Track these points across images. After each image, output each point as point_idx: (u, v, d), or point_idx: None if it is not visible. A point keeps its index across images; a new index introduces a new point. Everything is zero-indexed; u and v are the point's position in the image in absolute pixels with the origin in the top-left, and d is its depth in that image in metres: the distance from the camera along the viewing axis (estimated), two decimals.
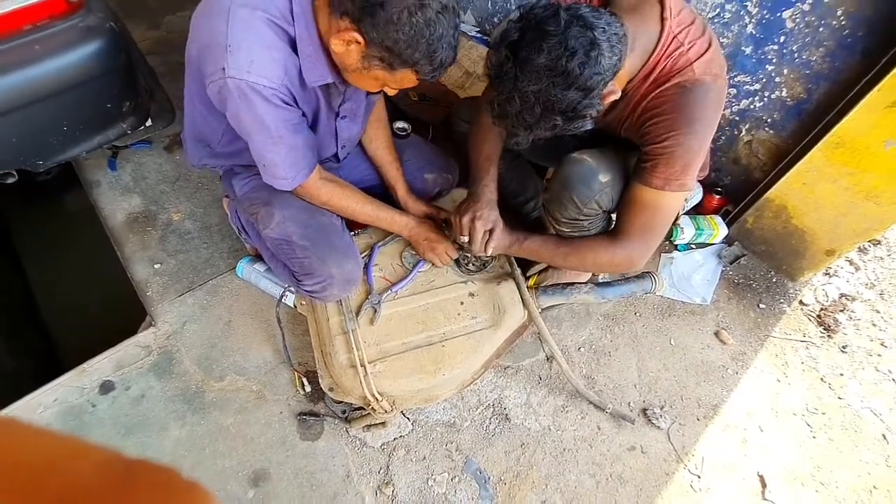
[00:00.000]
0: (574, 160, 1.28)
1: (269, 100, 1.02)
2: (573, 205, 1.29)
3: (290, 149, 1.13)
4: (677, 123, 1.08)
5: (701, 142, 1.09)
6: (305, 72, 1.06)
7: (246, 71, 0.98)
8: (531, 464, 1.42)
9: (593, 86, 0.98)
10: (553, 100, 0.98)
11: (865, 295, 1.85)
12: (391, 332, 1.36)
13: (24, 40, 1.28)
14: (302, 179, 1.20)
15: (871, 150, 1.45)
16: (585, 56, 0.95)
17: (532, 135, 1.08)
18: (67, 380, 1.45)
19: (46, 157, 1.47)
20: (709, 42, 1.08)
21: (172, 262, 1.71)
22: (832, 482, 1.46)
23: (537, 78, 0.97)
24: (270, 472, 1.35)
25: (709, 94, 1.06)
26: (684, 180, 1.12)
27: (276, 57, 1.01)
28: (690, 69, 1.06)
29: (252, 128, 1.07)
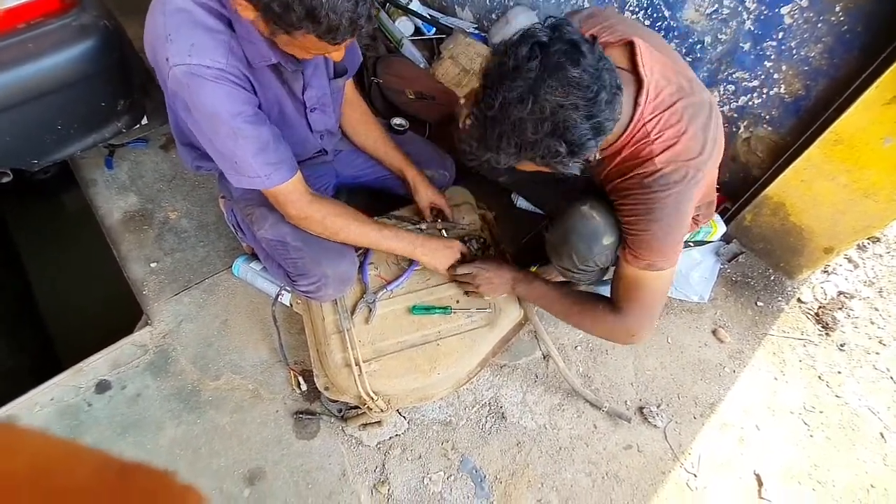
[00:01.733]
0: (582, 215, 1.21)
1: (217, 80, 0.97)
2: (570, 260, 1.27)
3: (256, 141, 1.06)
4: (638, 212, 1.06)
5: (668, 228, 1.05)
6: (248, 53, 1.01)
7: (187, 55, 0.94)
8: (527, 462, 1.42)
9: (602, 130, 0.90)
10: (569, 123, 0.86)
11: (864, 293, 1.84)
12: (386, 330, 1.36)
13: (18, 39, 1.27)
14: (280, 178, 1.13)
15: (870, 147, 1.44)
16: (611, 95, 0.89)
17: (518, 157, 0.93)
18: (64, 379, 1.45)
19: (41, 156, 1.47)
20: (681, 132, 1.01)
21: (169, 260, 1.71)
22: (829, 481, 1.46)
23: (564, 92, 0.84)
24: (266, 471, 1.35)
25: (669, 185, 1.01)
26: (655, 262, 1.09)
27: (217, 38, 0.97)
28: (651, 162, 1.01)
29: (208, 124, 1.02)
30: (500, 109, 0.87)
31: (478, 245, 1.52)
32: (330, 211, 1.22)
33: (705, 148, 1.04)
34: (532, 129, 0.87)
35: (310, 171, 1.46)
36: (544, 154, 0.90)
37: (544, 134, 0.87)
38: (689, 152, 1.02)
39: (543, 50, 0.85)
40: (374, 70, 2.07)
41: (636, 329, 1.18)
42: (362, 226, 1.27)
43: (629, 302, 1.16)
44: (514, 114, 0.86)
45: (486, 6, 2.35)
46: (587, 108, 0.86)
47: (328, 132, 1.39)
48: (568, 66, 0.84)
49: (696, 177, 1.03)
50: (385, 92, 2.02)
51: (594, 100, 0.86)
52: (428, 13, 2.38)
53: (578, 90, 0.85)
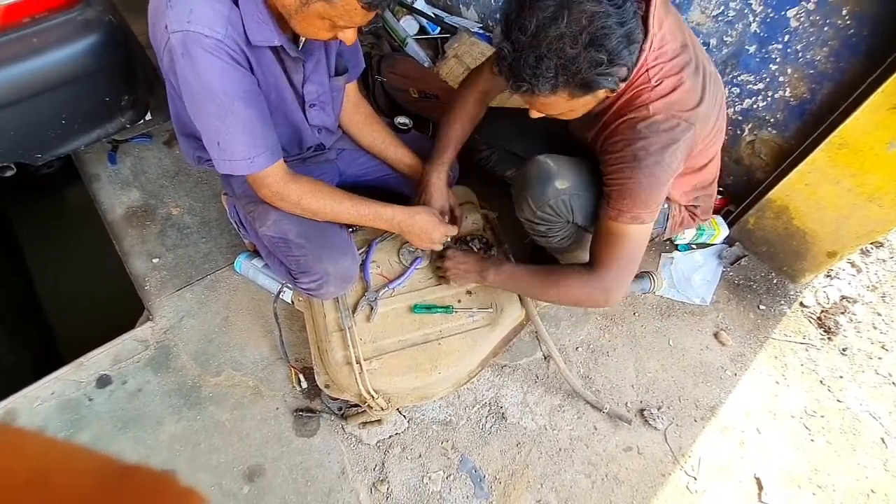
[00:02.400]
0: (536, 161, 1.26)
1: (213, 52, 0.95)
2: (528, 206, 1.29)
3: (246, 123, 1.04)
4: (625, 158, 1.08)
5: (651, 178, 1.07)
6: (249, 31, 0.99)
7: (186, 21, 0.93)
8: (527, 463, 1.41)
9: (633, 39, 0.94)
10: (605, 30, 0.88)
11: (867, 297, 1.84)
12: (387, 329, 1.36)
13: (23, 33, 1.27)
14: (264, 163, 1.09)
15: (875, 152, 1.44)
16: (635, 9, 0.93)
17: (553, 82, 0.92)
18: (65, 373, 1.45)
19: (45, 151, 1.47)
20: (679, 82, 1.04)
21: (171, 256, 1.71)
22: (829, 485, 1.45)
23: (596, 1, 0.87)
24: (265, 468, 1.35)
25: (658, 133, 1.04)
26: (636, 213, 1.11)
27: (217, 8, 0.95)
28: (645, 108, 1.05)
29: (201, 96, 1.00)
30: (536, 32, 0.88)
31: (480, 244, 1.52)
32: (306, 190, 1.18)
33: (702, 102, 1.07)
34: (571, 44, 0.88)
35: (312, 168, 1.46)
36: (586, 67, 0.90)
37: (583, 46, 0.88)
38: (683, 104, 1.05)
39: None
40: (378, 69, 2.07)
41: (613, 286, 1.19)
42: (339, 204, 1.23)
43: (608, 258, 1.18)
44: (551, 32, 0.87)
45: (491, 6, 2.35)
46: (618, 15, 0.89)
47: (326, 129, 1.38)
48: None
49: (687, 131, 1.06)
50: (389, 91, 2.02)
51: (622, 6, 0.89)
52: (433, 12, 2.38)
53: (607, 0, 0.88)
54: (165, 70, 1.06)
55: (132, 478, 0.33)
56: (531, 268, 1.31)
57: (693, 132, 1.07)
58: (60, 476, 0.30)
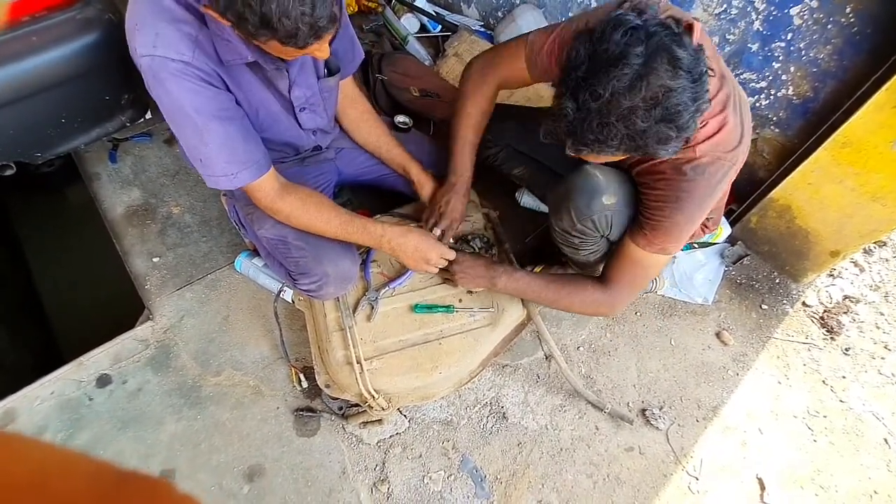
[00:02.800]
0: (584, 172, 1.22)
1: (181, 75, 0.95)
2: (568, 217, 1.25)
3: (224, 141, 1.04)
4: (668, 198, 1.08)
5: (688, 216, 1.09)
6: (220, 50, 0.98)
7: (152, 45, 0.92)
8: (528, 463, 1.41)
9: (702, 111, 0.89)
10: (679, 106, 0.83)
11: (870, 297, 1.83)
12: (388, 329, 1.36)
13: (22, 32, 1.26)
14: (248, 178, 1.09)
15: (878, 151, 1.43)
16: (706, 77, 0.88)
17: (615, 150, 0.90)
18: (65, 373, 1.45)
19: (45, 150, 1.47)
20: (723, 122, 1.02)
21: (171, 255, 1.71)
22: (832, 486, 1.45)
23: (674, 73, 0.82)
24: (266, 468, 1.35)
25: (705, 176, 1.04)
26: (666, 247, 1.14)
27: (183, 30, 0.94)
28: (692, 150, 1.03)
29: (175, 115, 1.00)
30: (609, 100, 0.84)
31: (481, 244, 1.51)
32: (296, 206, 1.18)
33: (742, 139, 1.06)
34: (643, 118, 0.84)
35: (311, 168, 1.46)
36: (653, 142, 0.88)
37: (655, 120, 0.85)
38: (727, 143, 1.04)
39: (646, 33, 0.82)
40: (378, 67, 2.06)
41: (621, 303, 1.26)
42: (327, 222, 1.21)
43: (624, 278, 1.22)
44: (624, 103, 0.83)
45: (492, 4, 2.34)
46: (693, 90, 0.84)
47: (321, 130, 1.37)
48: (674, 46, 0.82)
49: (731, 170, 1.07)
50: (389, 89, 2.02)
51: (699, 80, 0.84)
52: (434, 10, 2.37)
53: (686, 72, 0.83)
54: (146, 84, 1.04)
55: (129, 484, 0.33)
56: (543, 278, 1.32)
57: (733, 170, 1.07)
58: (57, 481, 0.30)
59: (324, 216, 1.21)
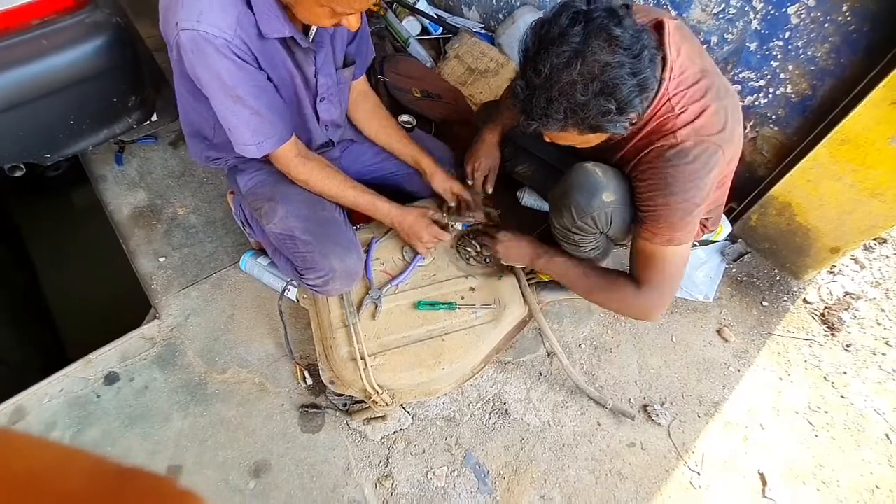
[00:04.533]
0: (583, 169, 1.24)
1: (222, 51, 1.00)
2: (569, 214, 1.27)
3: (253, 112, 1.10)
4: (657, 186, 1.09)
5: (685, 203, 1.07)
6: (261, 23, 1.03)
7: (196, 21, 0.97)
8: (530, 459, 1.42)
9: (646, 88, 0.96)
10: (617, 81, 0.90)
11: (870, 293, 1.83)
12: (392, 325, 1.37)
13: (32, 35, 1.29)
14: (270, 148, 1.18)
15: (877, 147, 1.44)
16: (651, 56, 0.93)
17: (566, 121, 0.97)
18: (73, 370, 1.47)
19: (53, 151, 1.49)
20: (704, 107, 1.05)
21: (177, 255, 1.73)
22: (833, 481, 1.45)
23: (611, 50, 0.89)
24: (271, 464, 1.36)
25: (688, 158, 1.05)
26: (671, 236, 1.12)
27: (227, 8, 0.98)
28: (672, 135, 1.05)
29: (210, 85, 1.05)
30: (549, 76, 0.91)
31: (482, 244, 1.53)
32: (315, 171, 1.29)
33: (727, 126, 1.07)
34: (582, 91, 0.91)
35: None
36: (595, 114, 0.94)
37: (593, 94, 0.91)
38: (711, 127, 1.05)
39: (586, 15, 0.90)
40: (380, 69, 2.09)
41: (657, 304, 1.22)
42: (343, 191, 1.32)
43: (650, 278, 1.19)
44: (564, 78, 0.91)
45: (493, 6, 2.36)
46: (632, 66, 0.90)
47: (333, 123, 1.40)
48: (611, 26, 0.89)
49: (717, 153, 1.06)
50: (391, 90, 2.04)
51: (638, 56, 0.91)
52: (435, 13, 2.39)
53: (623, 48, 0.89)
54: (174, 61, 1.09)
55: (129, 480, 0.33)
56: (583, 267, 1.32)
57: (721, 155, 1.07)
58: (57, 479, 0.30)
59: (339, 185, 1.32)
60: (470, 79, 2.23)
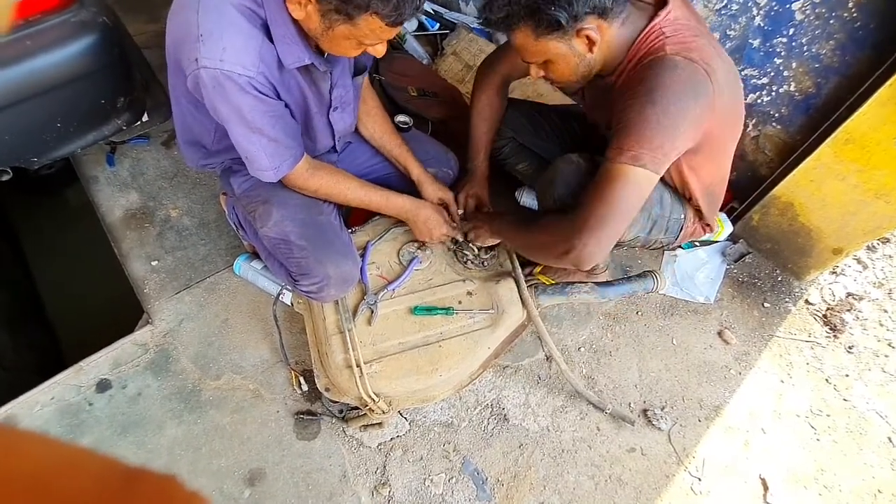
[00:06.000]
0: (566, 160, 1.26)
1: (245, 89, 0.99)
2: (553, 202, 1.28)
3: (270, 140, 1.10)
4: (638, 93, 1.02)
5: (660, 113, 0.98)
6: (282, 55, 1.03)
7: (219, 60, 0.95)
8: (529, 465, 1.40)
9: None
10: None
11: (873, 294, 1.81)
12: (388, 331, 1.35)
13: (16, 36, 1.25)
14: (286, 170, 1.18)
15: (882, 147, 1.41)
16: None
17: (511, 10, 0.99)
18: (64, 378, 1.45)
19: (41, 154, 1.46)
20: (696, 40, 1.03)
21: (170, 259, 1.70)
22: (836, 485, 1.44)
23: None
24: (266, 472, 1.34)
25: (676, 71, 0.99)
26: (637, 153, 1.00)
27: (249, 44, 0.98)
28: (662, 49, 1.02)
29: (230, 118, 1.05)
30: None
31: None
32: (325, 180, 1.29)
33: (720, 66, 1.04)
34: None
35: None
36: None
37: None
38: (703, 56, 1.02)
39: None
40: (376, 67, 2.05)
41: (588, 232, 1.06)
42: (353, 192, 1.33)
43: (590, 200, 1.06)
44: None
45: None
46: None
47: (344, 133, 1.41)
48: None
49: (706, 81, 1.01)
50: (387, 89, 2.00)
51: None
52: (432, 8, 2.35)
53: None
54: (179, 82, 1.08)
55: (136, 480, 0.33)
56: (521, 221, 1.36)
57: (710, 86, 1.00)
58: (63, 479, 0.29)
59: (350, 187, 1.32)
60: (467, 76, 2.19)
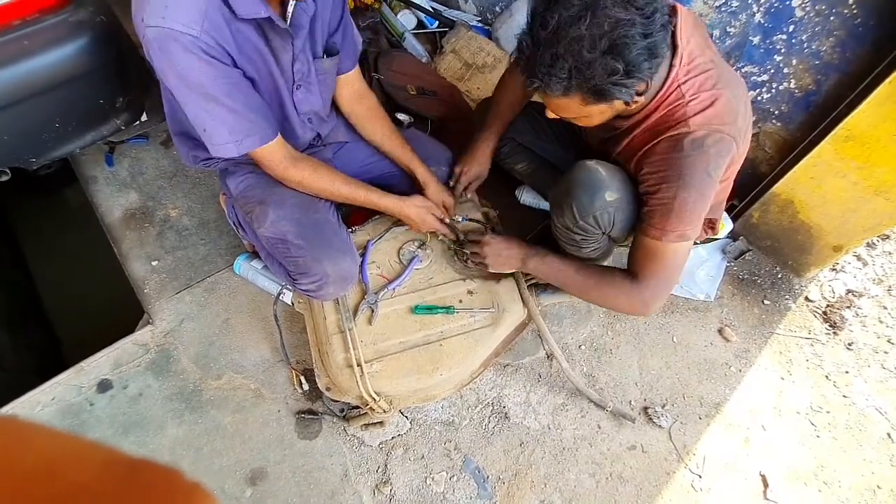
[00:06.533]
0: (586, 167, 1.21)
1: (190, 49, 0.94)
2: (570, 213, 1.24)
3: (228, 110, 1.04)
4: (669, 178, 1.05)
5: (697, 194, 1.04)
6: (235, 4, 0.96)
7: (161, 17, 0.91)
8: (530, 463, 1.41)
9: (656, 53, 0.92)
10: (627, 40, 0.87)
11: (872, 291, 1.82)
12: (388, 330, 1.35)
13: (13, 36, 1.24)
14: (251, 145, 1.11)
15: (882, 144, 1.41)
16: (664, 20, 0.91)
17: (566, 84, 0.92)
18: (65, 378, 1.45)
19: (39, 155, 1.45)
20: (715, 97, 1.02)
21: (170, 258, 1.70)
22: (835, 482, 1.45)
23: (623, 7, 0.86)
24: (268, 471, 1.35)
25: (702, 149, 1.01)
26: (682, 231, 1.08)
27: (193, 1, 0.92)
28: (685, 124, 1.02)
29: (178, 86, 1.00)
30: (556, 29, 0.88)
31: None
32: (308, 173, 1.25)
33: (738, 116, 1.04)
34: (589, 47, 0.87)
35: None
36: (600, 73, 0.89)
37: (601, 52, 0.87)
38: (724, 117, 1.02)
39: None
40: (375, 66, 2.04)
41: (655, 299, 1.18)
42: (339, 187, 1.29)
43: (652, 273, 1.15)
44: (572, 32, 0.87)
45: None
46: (644, 26, 0.87)
47: (315, 115, 1.34)
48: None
49: (731, 145, 1.03)
50: (386, 88, 2.00)
51: (651, 18, 0.87)
52: (431, 6, 2.34)
53: (636, 7, 0.86)
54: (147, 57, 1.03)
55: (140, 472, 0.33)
56: (575, 265, 1.28)
57: (735, 147, 1.04)
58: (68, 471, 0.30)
59: (335, 183, 1.28)
60: (467, 74, 2.19)
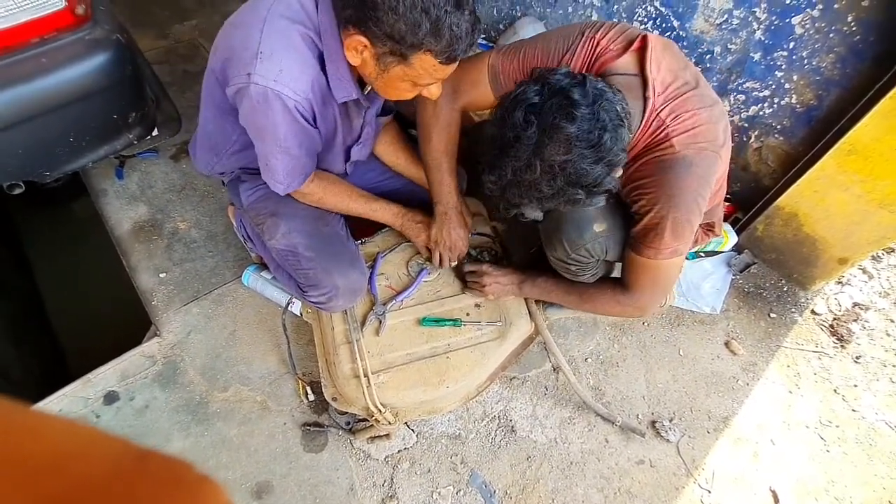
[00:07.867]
0: None
1: (290, 110, 1.02)
2: (562, 248, 1.27)
3: (292, 158, 1.13)
4: (659, 197, 1.06)
5: (687, 212, 1.06)
6: (334, 88, 1.07)
7: (273, 80, 0.98)
8: (537, 477, 1.40)
9: (617, 162, 0.97)
10: (580, 172, 0.94)
11: (879, 304, 1.81)
12: (396, 342, 1.35)
13: (32, 53, 1.28)
14: (296, 186, 1.22)
15: (885, 157, 1.42)
16: (614, 130, 0.94)
17: (541, 207, 1.04)
18: (72, 390, 1.45)
19: (53, 168, 1.48)
20: (695, 115, 1.03)
21: (178, 270, 1.71)
22: (846, 497, 1.43)
23: (566, 148, 0.92)
24: (273, 485, 1.34)
25: (690, 168, 1.03)
26: (675, 248, 1.10)
27: (305, 71, 1.01)
28: (670, 145, 1.04)
29: (264, 133, 1.08)
30: (513, 178, 0.97)
31: (489, 257, 1.51)
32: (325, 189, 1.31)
33: (719, 131, 1.06)
34: (547, 186, 0.96)
35: None
36: (565, 201, 1.00)
37: (559, 187, 0.96)
38: (705, 135, 1.04)
39: (537, 113, 0.92)
40: None
41: (648, 305, 1.24)
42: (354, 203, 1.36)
43: (644, 285, 1.20)
44: (527, 178, 0.96)
45: (494, 16, 2.36)
46: (594, 154, 0.93)
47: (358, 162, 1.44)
48: (563, 123, 0.90)
49: (716, 160, 1.05)
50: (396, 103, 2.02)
51: (598, 144, 0.92)
52: None
53: (580, 142, 0.91)
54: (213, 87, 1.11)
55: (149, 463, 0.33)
56: (564, 285, 1.36)
57: (719, 160, 1.06)
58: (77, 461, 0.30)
59: (350, 196, 1.35)
60: None
